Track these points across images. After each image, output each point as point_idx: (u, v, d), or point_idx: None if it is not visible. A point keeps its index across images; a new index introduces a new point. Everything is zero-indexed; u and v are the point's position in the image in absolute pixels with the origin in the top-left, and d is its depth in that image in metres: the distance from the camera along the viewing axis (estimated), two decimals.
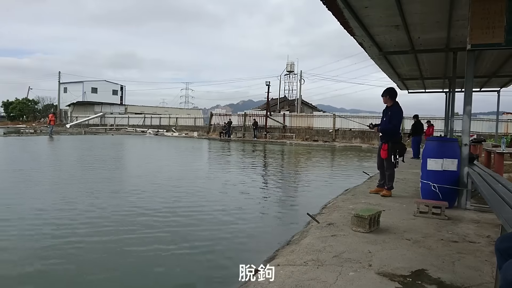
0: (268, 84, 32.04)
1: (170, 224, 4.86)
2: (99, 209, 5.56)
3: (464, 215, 4.84)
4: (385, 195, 6.04)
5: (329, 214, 4.90)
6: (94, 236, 4.30)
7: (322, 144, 26.03)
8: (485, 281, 2.73)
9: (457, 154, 5.23)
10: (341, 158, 16.46)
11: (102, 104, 51.87)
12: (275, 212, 5.79)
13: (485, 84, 13.44)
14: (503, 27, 4.40)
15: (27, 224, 4.71)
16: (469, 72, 4.96)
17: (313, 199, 6.71)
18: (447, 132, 12.38)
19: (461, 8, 5.55)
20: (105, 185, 7.65)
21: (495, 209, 2.76)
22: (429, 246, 3.53)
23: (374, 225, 4.01)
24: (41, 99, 59.17)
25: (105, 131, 39.42)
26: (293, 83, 46.55)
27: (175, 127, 38.96)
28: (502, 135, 17.73)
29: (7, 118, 55.32)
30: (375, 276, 2.78)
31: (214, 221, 5.09)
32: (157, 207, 5.77)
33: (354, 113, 33.24)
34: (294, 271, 2.88)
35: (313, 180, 9.42)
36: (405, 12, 5.82)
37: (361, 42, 7.54)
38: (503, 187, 3.75)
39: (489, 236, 3.87)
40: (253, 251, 3.95)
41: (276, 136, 30.42)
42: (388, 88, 6.33)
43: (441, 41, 7.65)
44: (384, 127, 6.19)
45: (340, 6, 5.30)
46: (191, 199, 6.49)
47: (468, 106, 4.97)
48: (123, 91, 62.50)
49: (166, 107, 64.03)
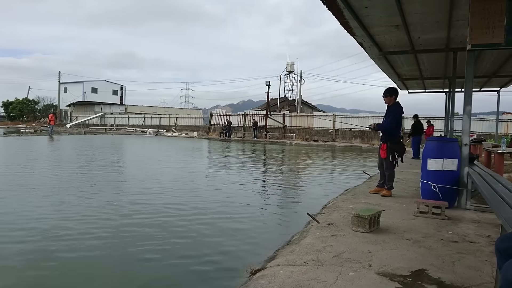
0: (268, 84, 32.07)
1: (170, 224, 4.86)
2: (97, 210, 5.56)
3: (464, 215, 4.84)
4: (385, 195, 6.04)
5: (329, 214, 4.90)
6: (93, 237, 4.31)
7: (322, 144, 26.04)
8: (485, 281, 2.73)
9: (457, 154, 5.23)
10: (341, 158, 16.46)
11: (102, 104, 51.88)
12: (275, 212, 5.78)
13: (485, 84, 13.45)
14: (503, 27, 4.40)
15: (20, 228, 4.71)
16: (469, 72, 4.96)
17: (313, 199, 6.71)
18: (447, 132, 12.38)
19: (461, 8, 5.55)
20: (105, 186, 7.65)
21: (495, 209, 2.75)
22: (429, 246, 3.53)
23: (374, 225, 4.01)
24: (41, 99, 59.30)
25: (105, 131, 39.41)
26: (293, 83, 46.65)
27: (175, 127, 38.97)
28: (502, 135, 17.73)
29: (7, 118, 55.34)
30: (375, 276, 2.78)
31: (213, 221, 5.08)
32: (158, 207, 5.77)
33: (354, 113, 33.27)
34: (294, 271, 2.88)
35: (313, 180, 9.42)
36: (405, 12, 5.83)
37: (361, 42, 7.54)
38: (503, 187, 3.75)
39: (489, 236, 3.87)
40: (253, 251, 3.95)
41: (276, 136, 30.42)
42: (388, 87, 6.32)
43: (441, 41, 7.65)
44: (381, 126, 6.21)
45: (340, 6, 5.30)
46: (190, 199, 6.48)
47: (468, 106, 4.97)
48: (123, 91, 62.51)
49: (166, 107, 64.06)
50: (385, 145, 6.09)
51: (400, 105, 6.13)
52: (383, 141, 6.15)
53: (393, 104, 6.12)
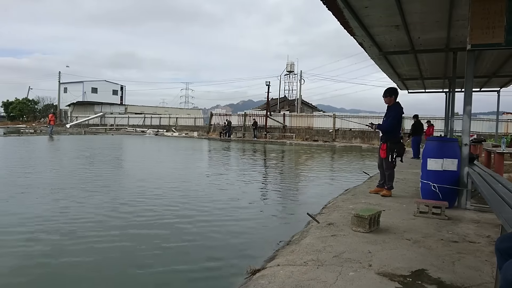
0: (268, 84, 32.08)
1: (170, 224, 4.86)
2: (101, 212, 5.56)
3: (464, 215, 4.84)
4: (385, 195, 6.04)
5: (329, 214, 4.90)
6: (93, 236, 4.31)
7: (322, 144, 26.03)
8: (485, 281, 2.73)
9: (457, 154, 5.23)
10: (341, 158, 16.46)
11: (102, 104, 51.88)
12: (275, 212, 5.78)
13: (485, 84, 13.45)
14: (503, 27, 4.40)
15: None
16: (469, 72, 4.96)
17: (313, 199, 6.72)
18: (447, 132, 12.38)
19: (461, 8, 5.55)
20: (105, 186, 7.66)
21: (495, 209, 2.75)
22: (429, 246, 3.53)
23: (374, 225, 4.01)
24: (41, 99, 59.29)
25: (105, 131, 39.43)
26: (293, 83, 46.62)
27: (175, 127, 38.97)
28: (502, 135, 17.73)
29: (7, 118, 55.35)
30: (375, 276, 2.78)
31: (213, 220, 5.09)
32: (158, 207, 5.76)
33: (354, 113, 33.30)
34: (294, 271, 2.88)
35: (313, 180, 9.42)
36: (405, 12, 5.83)
37: (361, 42, 7.54)
38: (503, 187, 3.75)
39: (489, 236, 3.87)
40: (253, 251, 3.95)
41: (276, 136, 30.42)
42: (388, 88, 6.33)
43: (441, 41, 7.65)
44: (382, 126, 6.23)
45: (340, 6, 5.31)
46: (190, 199, 6.48)
47: (468, 106, 4.97)
48: (123, 91, 62.52)
49: (166, 107, 64.05)
50: (385, 145, 6.10)
51: (400, 105, 6.13)
52: (383, 141, 6.16)
53: (393, 104, 6.12)
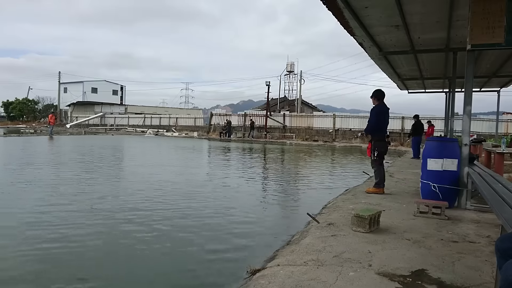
0: (268, 84, 32.11)
1: (170, 223, 4.86)
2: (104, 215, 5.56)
3: (464, 215, 4.84)
4: (369, 191, 6.27)
5: (329, 214, 4.90)
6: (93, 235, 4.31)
7: (322, 144, 26.04)
8: (485, 281, 2.73)
9: (457, 154, 5.23)
10: (341, 158, 16.46)
11: (102, 104, 51.90)
12: (275, 212, 5.79)
13: (485, 84, 13.46)
14: (503, 27, 4.41)
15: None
16: (469, 72, 4.96)
17: (313, 199, 6.72)
18: (447, 132, 12.39)
19: (461, 8, 5.55)
20: (104, 187, 7.66)
21: (495, 209, 2.76)
22: (429, 246, 3.53)
23: (374, 225, 4.01)
24: (41, 99, 59.32)
25: (105, 131, 39.43)
26: (293, 83, 46.64)
27: (175, 127, 38.98)
28: (502, 135, 17.72)
29: (7, 118, 55.35)
30: (375, 276, 2.78)
31: (213, 220, 5.08)
32: (158, 207, 5.76)
33: (354, 113, 33.26)
34: (294, 271, 2.88)
35: (313, 180, 9.41)
36: (405, 12, 5.83)
37: (361, 42, 7.55)
38: (503, 187, 3.75)
39: (489, 236, 3.87)
40: (253, 251, 3.95)
41: (276, 136, 30.43)
42: (374, 90, 6.52)
43: (441, 41, 7.65)
44: (366, 129, 6.56)
45: (340, 6, 5.31)
46: (190, 199, 6.48)
47: (468, 106, 4.97)
48: (123, 91, 62.55)
49: (166, 107, 64.08)
50: (370, 144, 6.46)
51: (381, 106, 6.31)
52: (369, 140, 6.57)
53: (375, 106, 6.36)
